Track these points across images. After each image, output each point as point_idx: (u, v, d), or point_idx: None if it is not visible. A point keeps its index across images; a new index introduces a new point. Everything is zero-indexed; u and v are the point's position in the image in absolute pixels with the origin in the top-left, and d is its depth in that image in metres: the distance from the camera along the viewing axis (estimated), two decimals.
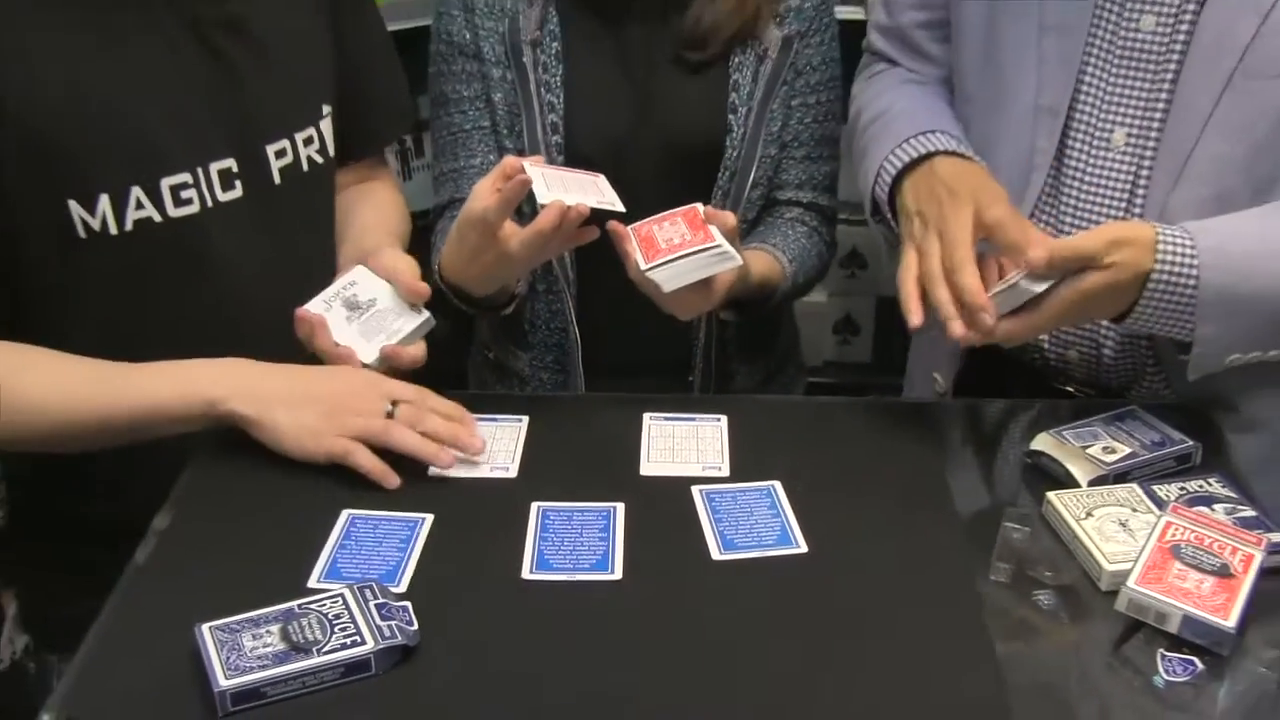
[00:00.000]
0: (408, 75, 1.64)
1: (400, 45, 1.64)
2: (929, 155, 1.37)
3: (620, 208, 1.33)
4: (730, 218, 1.34)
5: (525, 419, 1.35)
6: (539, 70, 1.55)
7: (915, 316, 1.26)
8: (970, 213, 1.26)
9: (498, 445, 1.31)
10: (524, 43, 1.55)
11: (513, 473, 1.28)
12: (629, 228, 1.34)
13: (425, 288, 1.36)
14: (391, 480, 1.23)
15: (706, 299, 1.37)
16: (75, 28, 1.27)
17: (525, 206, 1.36)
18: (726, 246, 1.32)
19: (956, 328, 1.23)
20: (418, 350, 1.33)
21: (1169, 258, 1.21)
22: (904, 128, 1.42)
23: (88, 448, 1.29)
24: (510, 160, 1.29)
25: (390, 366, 1.33)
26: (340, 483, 1.22)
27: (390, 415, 1.26)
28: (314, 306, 1.33)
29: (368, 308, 1.33)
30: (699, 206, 1.35)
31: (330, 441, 1.24)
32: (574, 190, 1.30)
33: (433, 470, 1.25)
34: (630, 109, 1.58)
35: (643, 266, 1.31)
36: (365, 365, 1.30)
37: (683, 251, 1.31)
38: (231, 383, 1.26)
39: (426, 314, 1.34)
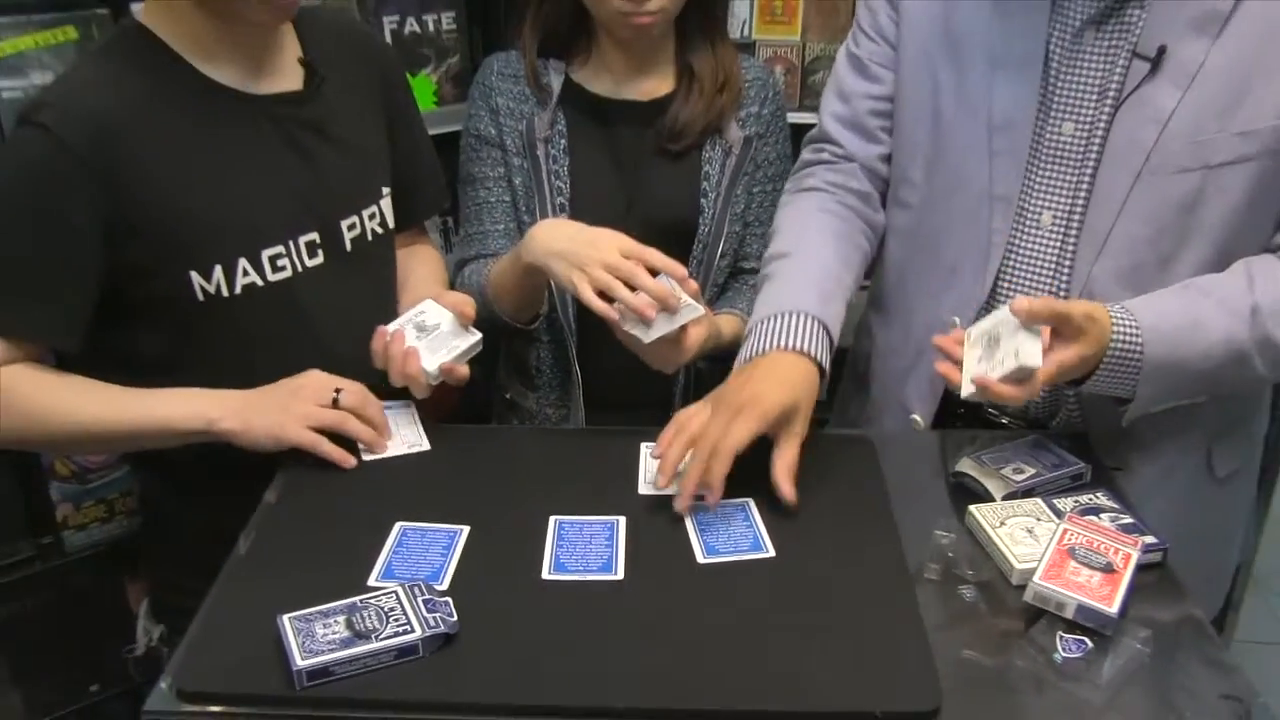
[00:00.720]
0: (444, 169, 1.68)
1: (437, 146, 1.68)
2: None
3: (691, 309, 1.38)
4: (693, 284, 1.39)
5: (412, 402, 1.41)
6: (549, 161, 1.60)
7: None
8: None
9: (402, 429, 1.38)
10: (538, 140, 1.60)
11: (426, 445, 1.35)
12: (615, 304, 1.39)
13: (473, 311, 1.41)
14: (349, 461, 1.31)
15: (681, 353, 1.41)
16: (193, 136, 1.31)
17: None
18: (689, 300, 1.36)
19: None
20: (464, 370, 1.36)
21: (1121, 336, 1.23)
22: (776, 297, 1.40)
23: (113, 450, 1.34)
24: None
25: (443, 380, 1.37)
26: (393, 501, 1.25)
27: (335, 402, 1.32)
28: (392, 326, 1.38)
29: (433, 330, 1.36)
30: (663, 277, 1.39)
31: (297, 433, 1.29)
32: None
33: (364, 454, 1.33)
34: (622, 193, 1.62)
35: (626, 328, 1.37)
36: (426, 371, 1.34)
37: (657, 319, 1.36)
38: (224, 406, 1.31)
39: (479, 335, 1.38)
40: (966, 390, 1.24)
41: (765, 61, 2.21)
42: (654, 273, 1.38)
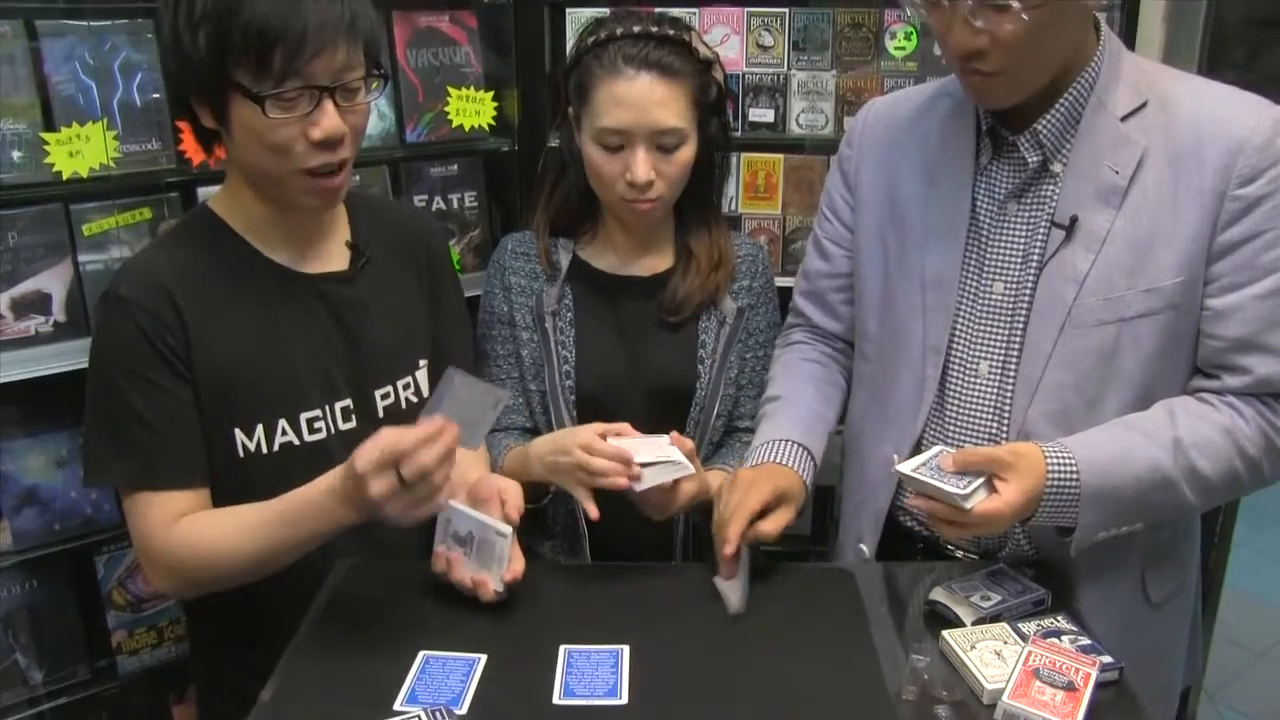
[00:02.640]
0: None
1: None
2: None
3: (682, 467, 1.39)
4: (689, 443, 1.41)
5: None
6: (557, 333, 1.59)
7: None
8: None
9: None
10: (546, 313, 1.60)
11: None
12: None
13: (516, 518, 1.30)
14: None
15: (672, 502, 1.42)
16: (247, 307, 1.33)
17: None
18: (680, 459, 1.37)
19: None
20: (519, 565, 1.29)
21: (1057, 468, 1.24)
22: (774, 429, 1.49)
23: (272, 568, 1.28)
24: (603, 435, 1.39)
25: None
26: (417, 630, 1.23)
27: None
28: (438, 544, 1.31)
29: (470, 541, 1.29)
30: (666, 436, 1.41)
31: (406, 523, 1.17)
32: (644, 451, 1.39)
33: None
34: (625, 361, 1.61)
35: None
36: (496, 591, 1.26)
37: (650, 468, 1.37)
38: (347, 511, 1.21)
39: (510, 531, 1.29)
40: (897, 465, 1.27)
41: (750, 233, 2.26)
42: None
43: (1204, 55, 2.09)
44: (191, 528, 1.29)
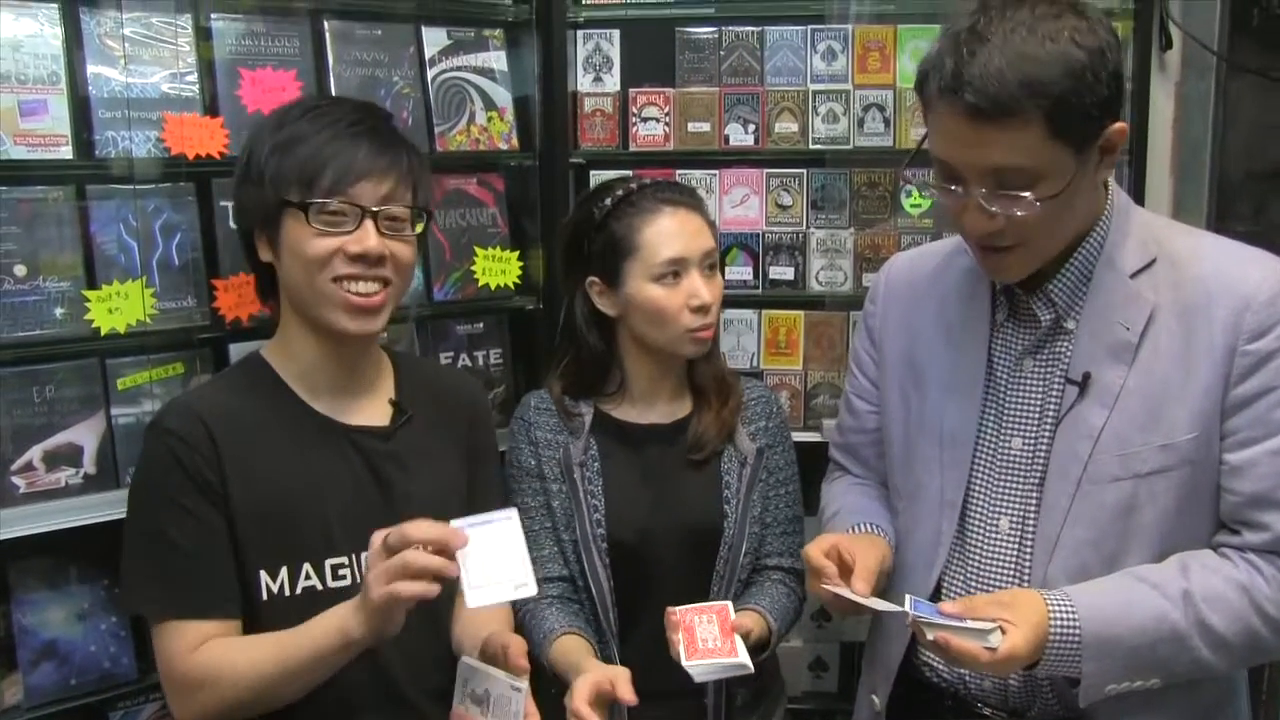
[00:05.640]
0: None
1: None
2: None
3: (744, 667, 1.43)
4: (748, 623, 1.45)
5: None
6: (585, 483, 1.66)
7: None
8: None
9: (510, 567, 1.24)
10: (574, 464, 1.66)
11: (531, 587, 1.24)
12: (677, 612, 1.42)
13: (526, 665, 1.34)
14: (434, 587, 1.22)
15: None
16: (285, 451, 1.39)
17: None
18: (745, 660, 1.40)
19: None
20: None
21: (1058, 615, 1.26)
22: (846, 522, 1.53)
23: (304, 690, 1.31)
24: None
25: None
26: None
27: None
28: (456, 703, 1.33)
29: (487, 699, 1.30)
30: (729, 608, 1.44)
31: (384, 600, 1.21)
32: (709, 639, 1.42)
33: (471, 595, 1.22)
34: (653, 505, 1.67)
35: (684, 661, 1.40)
36: None
37: (713, 659, 1.39)
38: (357, 627, 1.26)
39: (525, 685, 1.31)
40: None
41: (772, 387, 2.31)
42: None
43: (1212, 207, 2.17)
44: (211, 651, 1.33)
